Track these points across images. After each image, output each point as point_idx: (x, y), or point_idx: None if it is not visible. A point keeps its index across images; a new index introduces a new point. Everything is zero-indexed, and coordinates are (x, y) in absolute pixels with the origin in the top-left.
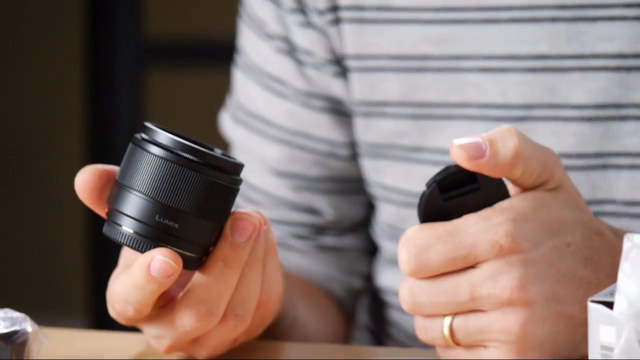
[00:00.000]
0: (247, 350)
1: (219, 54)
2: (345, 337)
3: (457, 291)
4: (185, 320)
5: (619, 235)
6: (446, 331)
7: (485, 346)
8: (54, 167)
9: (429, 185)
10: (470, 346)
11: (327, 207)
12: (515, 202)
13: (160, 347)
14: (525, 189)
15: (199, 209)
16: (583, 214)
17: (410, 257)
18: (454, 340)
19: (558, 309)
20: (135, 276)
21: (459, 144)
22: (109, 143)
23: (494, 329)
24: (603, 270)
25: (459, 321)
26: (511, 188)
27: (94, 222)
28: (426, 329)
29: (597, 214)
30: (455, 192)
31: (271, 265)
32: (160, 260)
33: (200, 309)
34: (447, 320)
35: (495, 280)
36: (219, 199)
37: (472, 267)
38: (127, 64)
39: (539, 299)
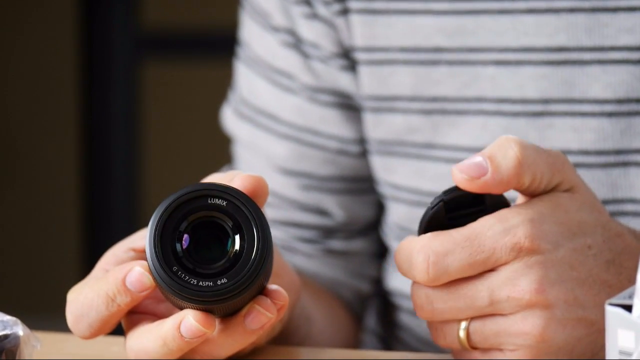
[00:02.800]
0: (258, 353)
1: (219, 45)
2: (355, 341)
3: (476, 296)
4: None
5: (638, 237)
6: (462, 335)
7: (501, 350)
8: (48, 164)
9: (434, 204)
10: (486, 350)
11: (336, 208)
12: (532, 204)
13: None
14: (539, 195)
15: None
16: (601, 215)
17: (428, 264)
18: (471, 344)
19: (579, 314)
20: (110, 286)
21: (459, 168)
22: (105, 138)
23: (512, 332)
24: (626, 274)
25: (476, 325)
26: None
27: (88, 225)
28: (442, 334)
29: (617, 213)
30: (461, 213)
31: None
32: (139, 273)
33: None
34: (464, 324)
35: (515, 283)
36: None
37: (490, 270)
38: (123, 55)
39: (559, 302)
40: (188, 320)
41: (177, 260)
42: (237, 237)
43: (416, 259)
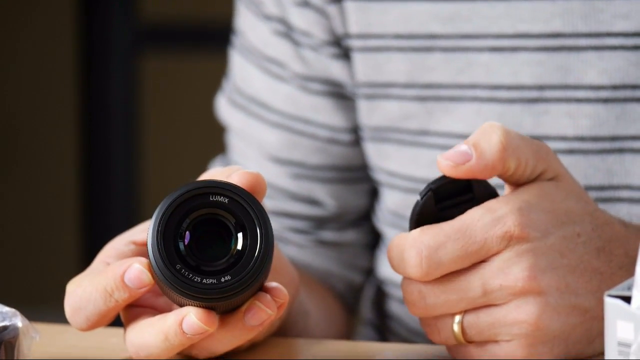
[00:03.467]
0: (257, 345)
1: (217, 37)
2: (348, 333)
3: (469, 287)
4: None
5: (627, 226)
6: (457, 329)
7: (497, 341)
8: (47, 156)
9: (422, 194)
10: (482, 343)
11: (327, 198)
12: (518, 193)
13: None
14: (523, 184)
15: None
16: (588, 205)
17: (421, 259)
18: (466, 338)
19: (572, 301)
20: (108, 281)
21: (444, 156)
22: (104, 130)
23: (507, 322)
24: (616, 261)
25: (470, 318)
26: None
27: (87, 217)
28: (437, 330)
29: (612, 199)
30: (451, 202)
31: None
32: (138, 270)
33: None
34: (458, 318)
35: (506, 272)
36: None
37: (482, 262)
38: (122, 47)
39: (551, 290)
40: (190, 318)
41: (180, 258)
42: (240, 235)
43: (409, 254)
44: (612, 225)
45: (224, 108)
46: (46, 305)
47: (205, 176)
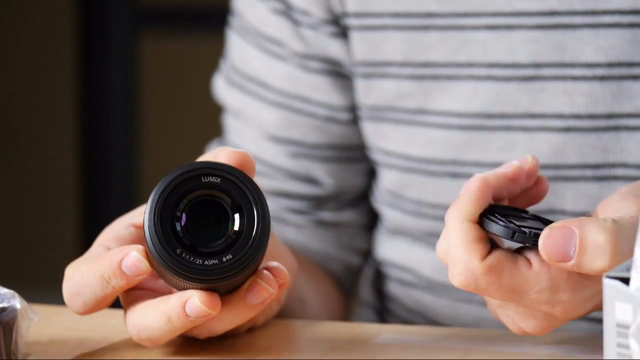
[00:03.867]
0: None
1: (216, 18)
2: (345, 316)
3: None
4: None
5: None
6: None
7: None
8: (45, 137)
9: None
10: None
11: (326, 177)
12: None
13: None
14: None
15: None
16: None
17: (465, 283)
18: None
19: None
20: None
21: (546, 244)
22: (102, 112)
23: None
24: None
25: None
26: None
27: (86, 199)
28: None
29: (608, 177)
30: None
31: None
32: (135, 258)
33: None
34: None
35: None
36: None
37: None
38: (121, 29)
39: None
40: (193, 301)
41: (179, 242)
42: (237, 214)
43: (455, 274)
44: None
45: (222, 88)
46: (44, 287)
47: (199, 160)
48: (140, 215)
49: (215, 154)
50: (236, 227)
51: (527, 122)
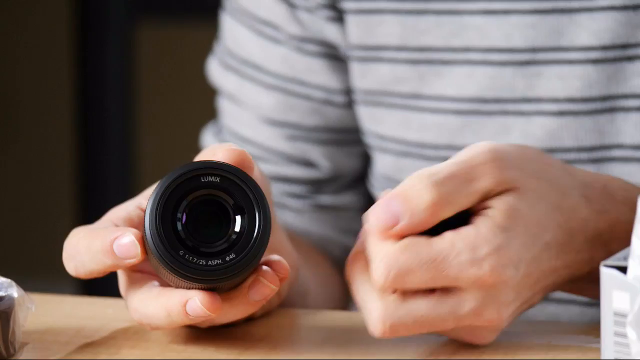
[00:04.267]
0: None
1: (213, 5)
2: (345, 298)
3: (442, 323)
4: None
5: (591, 201)
6: None
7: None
8: (42, 126)
9: None
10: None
11: (322, 159)
12: (498, 221)
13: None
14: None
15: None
16: (555, 202)
17: (387, 277)
18: None
19: (525, 306)
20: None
21: (373, 215)
22: (99, 99)
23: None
24: (576, 250)
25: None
26: None
27: (83, 185)
28: None
29: (605, 159)
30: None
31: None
32: (129, 240)
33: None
34: None
35: (480, 314)
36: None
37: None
38: (118, 16)
39: (509, 317)
40: (194, 303)
41: (181, 243)
42: (238, 214)
43: (377, 266)
44: (578, 211)
45: (216, 71)
46: (42, 276)
47: (197, 158)
48: (146, 198)
49: (213, 151)
50: (237, 227)
51: (522, 107)
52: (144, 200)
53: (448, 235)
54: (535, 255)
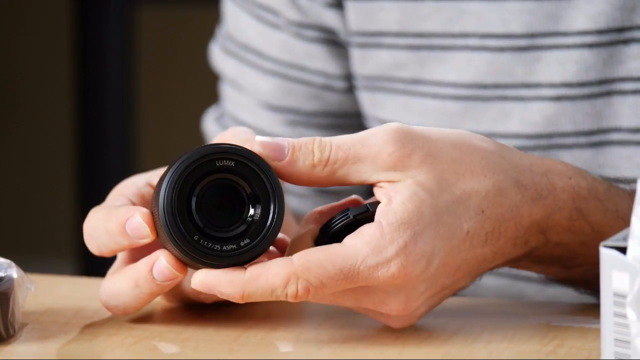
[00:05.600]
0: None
1: None
2: None
3: (342, 301)
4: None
5: (524, 187)
6: None
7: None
8: (42, 106)
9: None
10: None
11: None
12: (401, 216)
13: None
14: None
15: None
16: (470, 183)
17: (304, 295)
18: None
19: (441, 297)
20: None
21: (261, 144)
22: (98, 81)
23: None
24: (505, 239)
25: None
26: None
27: (83, 165)
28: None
29: (602, 143)
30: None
31: None
32: (138, 222)
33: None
34: None
35: (384, 302)
36: None
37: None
38: None
39: (423, 307)
40: (161, 262)
41: (196, 228)
42: (252, 199)
43: (292, 290)
44: (508, 198)
45: (218, 56)
46: (41, 256)
47: (216, 140)
48: (157, 177)
49: (249, 143)
50: (252, 212)
51: (521, 92)
52: (154, 178)
53: (352, 242)
54: (455, 245)
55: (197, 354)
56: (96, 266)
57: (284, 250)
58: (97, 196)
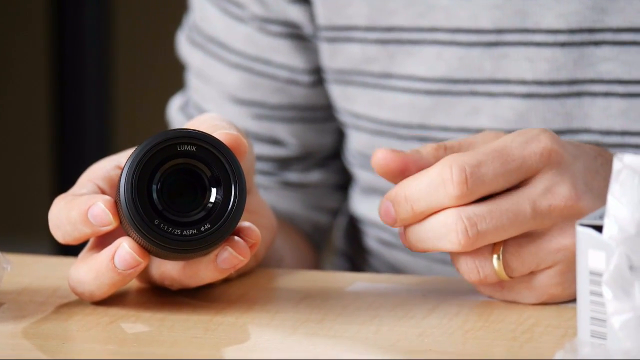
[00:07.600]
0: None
1: None
2: (316, 268)
3: (519, 210)
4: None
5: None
6: (497, 265)
7: (534, 273)
8: (19, 86)
9: None
10: (523, 277)
11: (290, 137)
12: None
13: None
14: None
15: None
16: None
17: (466, 177)
18: (508, 272)
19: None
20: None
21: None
22: (76, 59)
23: (552, 248)
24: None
25: (512, 249)
26: None
27: (60, 144)
28: (475, 268)
29: None
30: None
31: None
32: (100, 208)
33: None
34: (496, 255)
35: (553, 191)
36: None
37: (524, 184)
38: None
39: (588, 212)
40: (123, 249)
41: (156, 213)
42: (213, 184)
43: (450, 172)
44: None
45: (184, 45)
46: (18, 235)
47: (187, 125)
48: (126, 158)
49: (205, 126)
50: (213, 197)
51: (491, 88)
52: (123, 160)
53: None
54: (588, 166)
55: (173, 333)
56: (73, 246)
57: (250, 236)
58: (74, 175)
